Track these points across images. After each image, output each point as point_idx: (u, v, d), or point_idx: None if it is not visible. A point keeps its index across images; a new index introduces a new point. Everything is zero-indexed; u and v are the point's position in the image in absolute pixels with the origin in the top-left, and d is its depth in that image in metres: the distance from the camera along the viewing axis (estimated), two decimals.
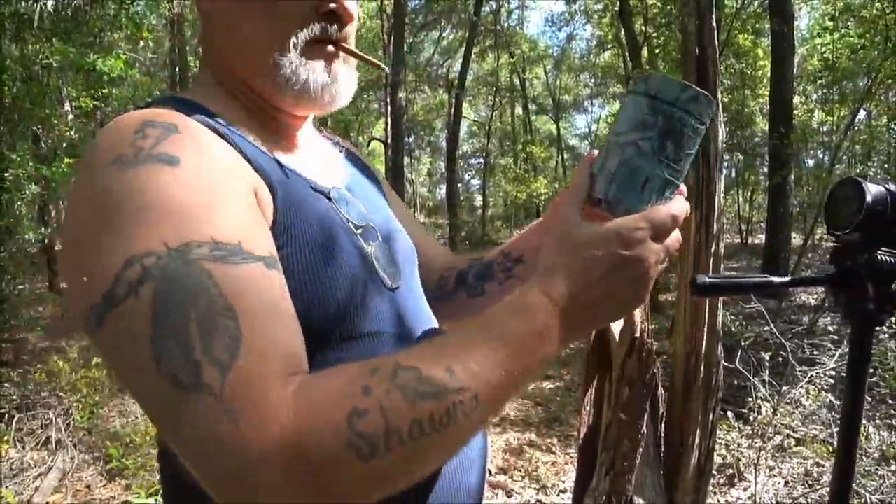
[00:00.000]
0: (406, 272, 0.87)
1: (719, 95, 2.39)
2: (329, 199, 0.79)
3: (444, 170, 24.73)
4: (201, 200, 0.58)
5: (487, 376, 0.56)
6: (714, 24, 2.45)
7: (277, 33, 0.74)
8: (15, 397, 4.55)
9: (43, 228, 8.37)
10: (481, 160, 28.40)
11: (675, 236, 0.69)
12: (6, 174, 5.98)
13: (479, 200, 27.59)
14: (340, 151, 0.98)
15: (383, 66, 0.85)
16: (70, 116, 7.39)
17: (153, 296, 0.52)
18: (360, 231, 0.80)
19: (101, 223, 0.56)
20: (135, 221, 0.55)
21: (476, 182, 31.80)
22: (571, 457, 4.04)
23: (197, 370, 0.50)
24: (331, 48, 0.78)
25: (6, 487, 3.66)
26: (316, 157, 0.87)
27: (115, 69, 6.30)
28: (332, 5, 0.76)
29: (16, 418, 4.34)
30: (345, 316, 0.71)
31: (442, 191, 32.75)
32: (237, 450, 0.49)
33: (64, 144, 6.85)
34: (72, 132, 7.18)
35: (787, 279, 1.02)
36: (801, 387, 3.73)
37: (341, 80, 0.79)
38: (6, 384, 4.87)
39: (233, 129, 0.73)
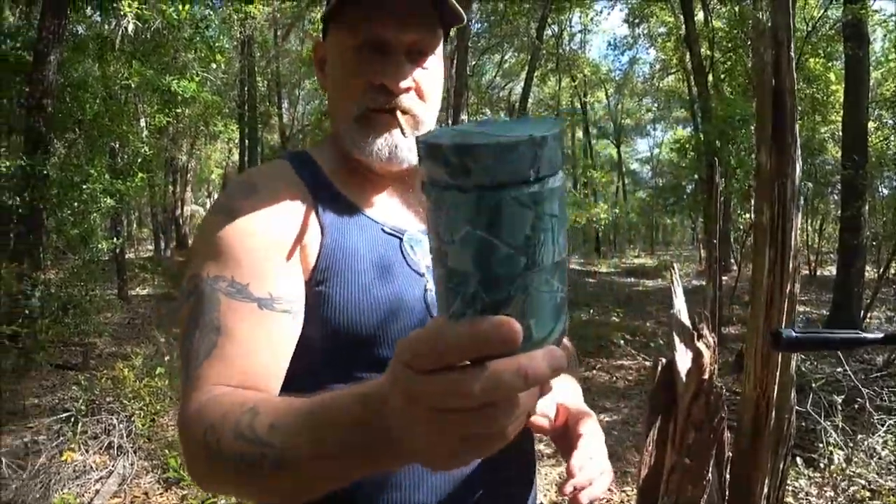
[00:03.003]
0: None
1: (797, 128, 2.29)
2: (401, 240, 0.92)
3: None
4: (239, 247, 0.82)
5: (296, 442, 0.59)
6: (792, 53, 2.36)
7: (344, 108, 0.92)
8: (80, 402, 4.71)
9: (115, 239, 8.74)
10: None
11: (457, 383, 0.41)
12: (84, 187, 6.29)
13: None
14: None
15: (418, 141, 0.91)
16: (145, 133, 7.73)
17: (194, 303, 0.80)
18: (424, 271, 0.91)
19: (193, 246, 0.90)
20: (202, 251, 0.84)
21: None
22: (628, 495, 3.90)
23: (189, 357, 0.77)
24: (386, 115, 0.90)
25: (68, 489, 3.78)
26: (402, 202, 0.98)
27: (188, 90, 6.57)
28: (382, 79, 0.88)
29: (81, 422, 4.49)
30: (371, 343, 0.84)
31: None
32: (180, 411, 0.75)
33: (138, 160, 7.16)
34: (145, 148, 7.50)
35: (880, 335, 0.95)
36: (879, 435, 3.51)
37: (397, 143, 0.91)
38: (74, 387, 5.06)
39: (326, 178, 0.93)
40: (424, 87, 0.92)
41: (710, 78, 14.94)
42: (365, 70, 0.88)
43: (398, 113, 0.89)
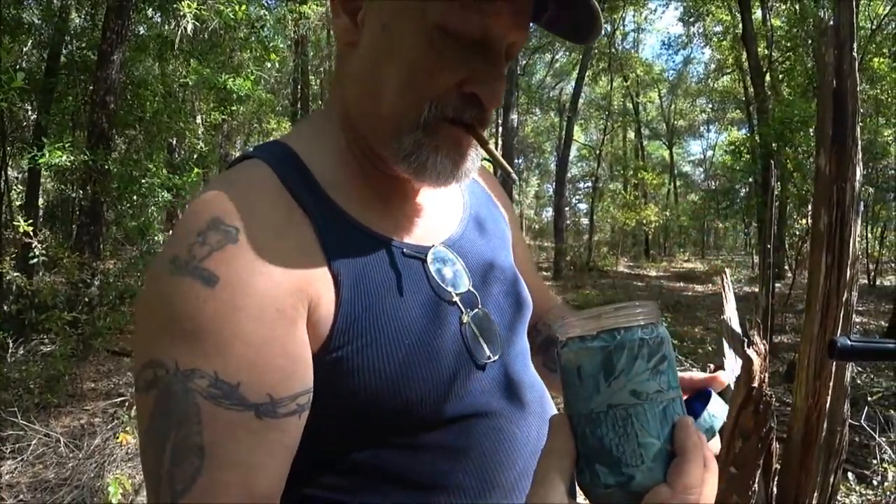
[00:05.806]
0: (511, 338, 0.80)
1: (858, 131, 2.21)
2: (424, 261, 0.73)
3: (552, 193, 24.54)
4: (222, 330, 0.59)
5: None
6: (854, 53, 2.28)
7: (410, 103, 0.67)
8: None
9: (171, 231, 9.00)
10: (590, 184, 27.93)
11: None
12: (142, 181, 6.52)
13: (586, 225, 27.10)
14: (464, 187, 0.88)
15: (514, 174, 0.72)
16: (201, 130, 7.96)
17: (154, 403, 0.59)
18: (456, 299, 0.74)
19: (145, 314, 0.62)
20: (163, 329, 0.60)
21: (583, 206, 31.24)
22: None
23: (159, 482, 0.58)
24: (463, 131, 0.69)
25: (121, 471, 3.92)
26: (429, 210, 0.80)
27: (242, 88, 6.74)
28: (478, 89, 0.66)
29: (135, 406, 4.65)
30: (413, 405, 0.68)
31: (549, 213, 32.52)
32: None
33: (194, 156, 7.38)
34: (201, 144, 7.73)
35: None
36: None
37: (464, 164, 0.71)
38: (129, 373, 5.23)
39: (323, 192, 0.70)
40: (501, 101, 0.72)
41: (768, 78, 14.50)
42: (458, 67, 0.65)
43: (475, 131, 0.69)
